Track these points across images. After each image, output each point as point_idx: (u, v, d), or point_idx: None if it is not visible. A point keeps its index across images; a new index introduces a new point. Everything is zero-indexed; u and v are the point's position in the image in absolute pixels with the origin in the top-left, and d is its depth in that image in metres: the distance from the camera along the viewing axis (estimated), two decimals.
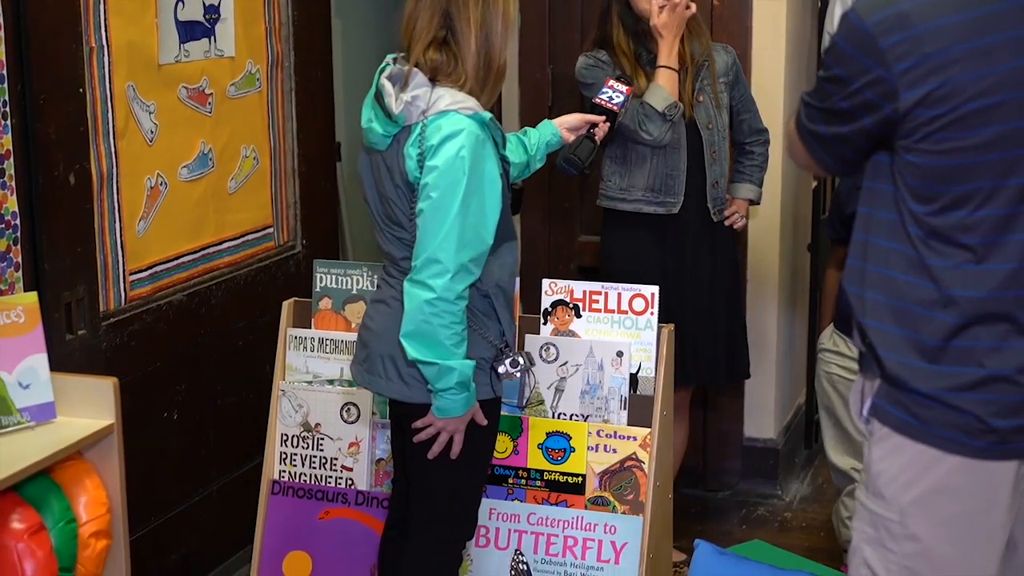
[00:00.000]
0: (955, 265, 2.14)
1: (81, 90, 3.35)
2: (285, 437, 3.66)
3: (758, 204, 4.16)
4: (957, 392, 2.16)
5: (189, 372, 3.83)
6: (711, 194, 3.96)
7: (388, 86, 2.87)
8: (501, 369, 3.05)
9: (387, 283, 3.07)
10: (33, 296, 2.90)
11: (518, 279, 3.21)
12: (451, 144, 2.78)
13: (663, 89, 3.79)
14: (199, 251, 3.88)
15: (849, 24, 2.15)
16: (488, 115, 2.86)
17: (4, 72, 3.09)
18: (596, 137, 3.45)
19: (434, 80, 2.86)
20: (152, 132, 3.63)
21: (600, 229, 4.14)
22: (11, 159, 3.13)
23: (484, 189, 2.83)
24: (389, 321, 3.00)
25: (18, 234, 3.16)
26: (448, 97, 2.83)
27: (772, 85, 4.41)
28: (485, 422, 3.01)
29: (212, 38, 3.86)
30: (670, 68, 3.80)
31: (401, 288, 2.96)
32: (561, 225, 4.72)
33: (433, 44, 2.88)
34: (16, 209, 3.15)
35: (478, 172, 2.81)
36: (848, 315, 2.34)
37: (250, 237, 4.12)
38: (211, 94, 3.87)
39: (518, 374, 3.08)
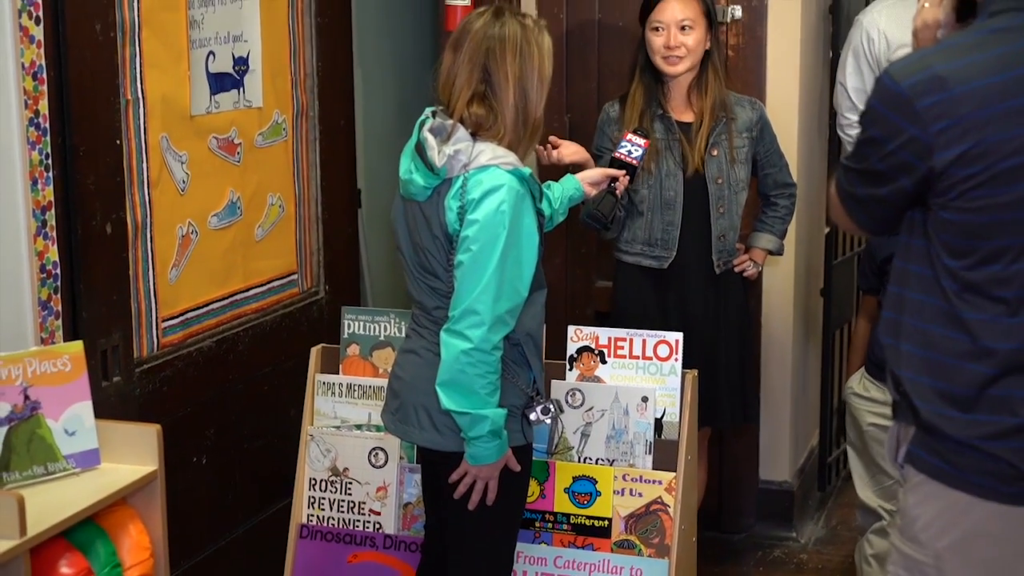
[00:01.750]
0: (990, 318, 2.21)
1: (118, 142, 3.42)
2: (313, 481, 3.71)
3: (779, 255, 4.23)
4: (991, 440, 2.23)
5: (217, 417, 3.89)
6: (716, 247, 4.02)
7: (431, 139, 2.94)
8: (532, 416, 3.12)
9: (418, 333, 3.13)
10: (79, 345, 2.96)
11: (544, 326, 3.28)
12: (492, 198, 2.86)
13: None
14: (228, 298, 3.94)
15: (884, 87, 2.22)
16: (528, 170, 2.94)
17: (47, 126, 3.16)
18: (617, 191, 3.52)
19: (475, 134, 2.94)
20: (184, 182, 3.70)
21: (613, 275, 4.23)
22: (52, 210, 3.20)
23: (522, 243, 2.90)
24: (420, 371, 3.07)
25: (58, 283, 3.23)
26: (489, 152, 2.91)
27: (786, 135, 4.49)
28: (519, 468, 3.07)
29: (241, 89, 3.94)
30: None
31: (432, 339, 3.04)
32: (579, 271, 4.79)
33: (475, 99, 2.95)
34: (56, 259, 3.22)
35: (517, 226, 2.88)
36: (882, 363, 2.41)
37: (275, 284, 4.18)
38: (240, 144, 3.94)
39: (549, 420, 3.15)
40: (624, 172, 3.56)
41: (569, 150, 3.70)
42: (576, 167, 3.75)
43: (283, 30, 4.14)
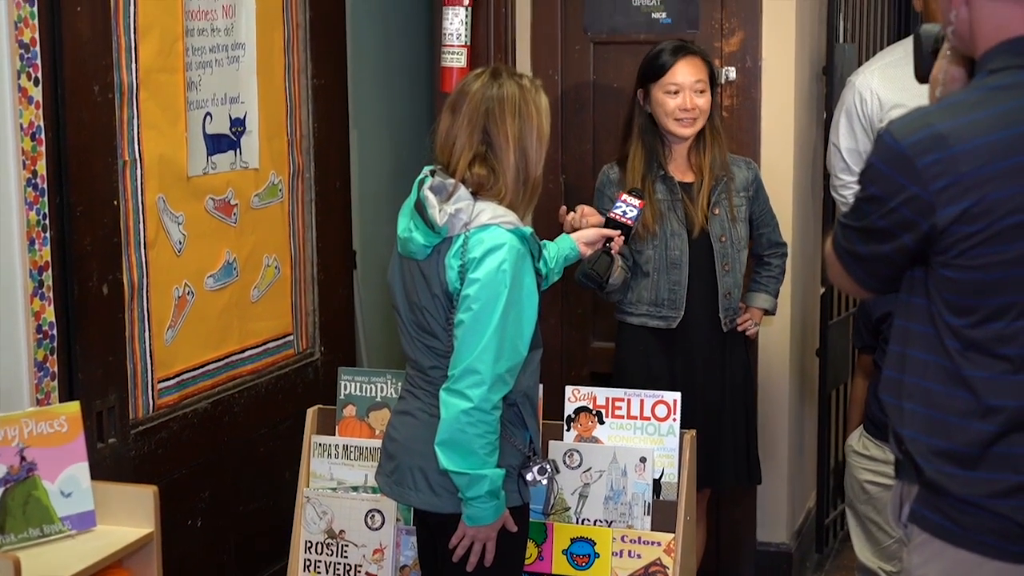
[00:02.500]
0: (993, 376, 2.20)
1: (115, 202, 3.42)
2: (309, 544, 3.68)
3: (773, 314, 4.24)
4: (995, 498, 2.22)
5: (212, 479, 3.86)
6: (723, 304, 4.02)
7: (431, 197, 2.95)
8: (529, 476, 3.10)
9: (412, 394, 3.12)
10: (76, 406, 2.95)
11: (541, 385, 3.27)
12: (493, 258, 2.86)
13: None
14: (223, 359, 3.93)
15: (885, 145, 2.22)
16: (528, 230, 2.95)
17: (45, 186, 3.17)
18: (613, 251, 3.53)
19: (475, 194, 2.95)
20: (181, 242, 3.70)
21: (612, 336, 4.21)
22: (49, 270, 3.19)
23: (523, 302, 2.90)
24: (416, 432, 3.06)
25: (55, 344, 3.22)
26: (490, 211, 2.91)
27: (780, 195, 4.51)
28: (516, 528, 3.05)
29: (238, 150, 3.95)
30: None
31: (427, 400, 3.03)
32: (574, 332, 4.79)
33: (476, 159, 2.96)
34: (53, 319, 3.21)
35: (518, 286, 2.88)
36: (883, 422, 2.40)
37: (271, 345, 4.18)
38: (236, 205, 3.95)
39: (545, 481, 3.14)
40: (619, 232, 3.56)
41: (595, 218, 3.69)
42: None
43: (280, 92, 4.16)
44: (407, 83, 5.29)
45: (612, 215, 3.60)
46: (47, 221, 3.18)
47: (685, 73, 3.90)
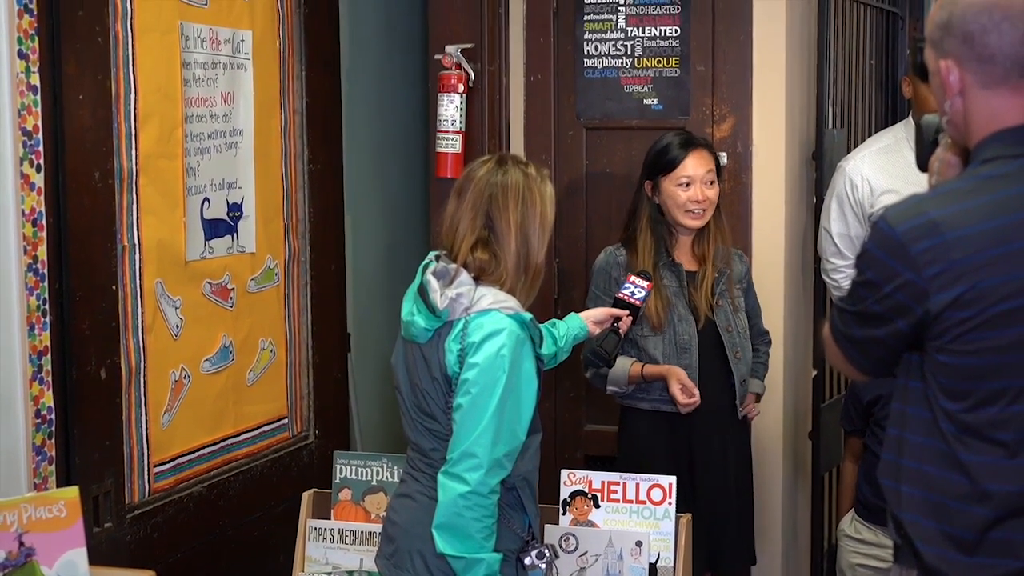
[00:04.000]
0: (988, 460, 2.22)
1: (114, 287, 3.45)
2: None
3: (761, 396, 4.27)
4: None
5: (208, 563, 3.86)
6: (740, 392, 4.05)
7: (433, 282, 2.97)
8: (527, 560, 3.09)
9: (413, 477, 3.13)
10: (75, 491, 2.94)
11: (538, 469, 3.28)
12: (492, 342, 2.89)
13: (626, 379, 3.93)
14: (219, 443, 3.94)
15: (880, 232, 2.26)
16: (528, 315, 2.98)
17: (45, 271, 3.20)
18: (620, 330, 3.58)
19: (477, 278, 2.98)
20: (178, 326, 3.73)
21: (605, 419, 4.22)
22: (48, 355, 3.21)
23: (521, 387, 2.92)
24: (416, 515, 3.06)
25: (53, 428, 3.23)
26: (490, 296, 2.94)
27: (772, 280, 4.55)
28: None
29: (235, 235, 3.99)
30: (646, 381, 3.92)
31: (427, 483, 3.04)
32: (567, 415, 4.80)
33: (478, 244, 3.00)
34: (51, 404, 3.22)
35: (517, 371, 2.91)
36: (874, 505, 2.42)
37: (266, 428, 4.19)
38: (233, 289, 3.98)
39: (544, 565, 3.13)
40: (627, 312, 3.62)
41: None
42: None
43: (276, 176, 4.20)
44: (402, 168, 5.34)
45: (621, 295, 3.66)
46: (47, 306, 3.20)
47: (696, 166, 3.95)
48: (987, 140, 2.27)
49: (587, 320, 3.56)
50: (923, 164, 2.54)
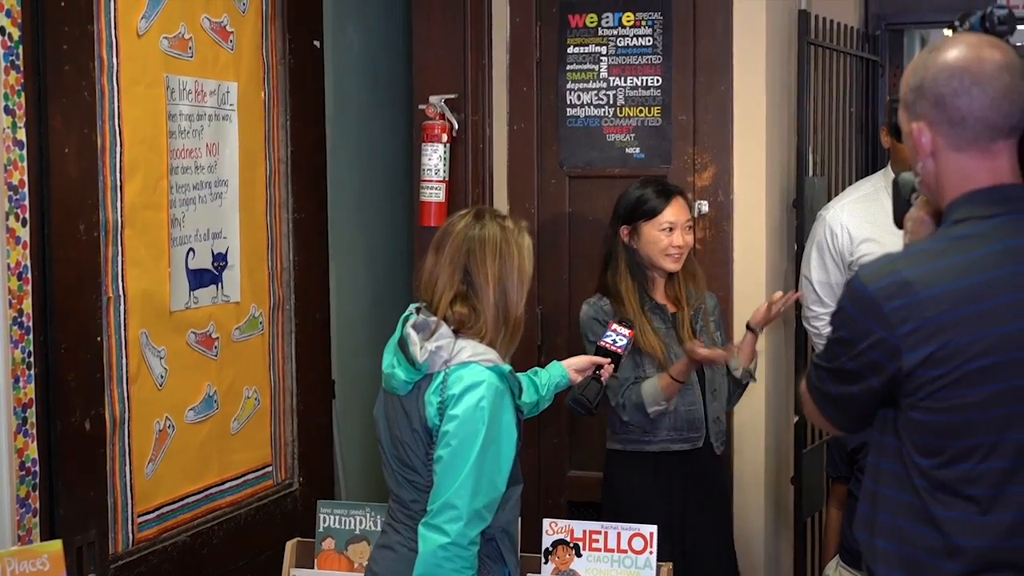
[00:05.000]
0: (961, 516, 2.25)
1: (99, 338, 3.47)
2: None
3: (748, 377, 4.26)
4: None
5: None
6: (713, 429, 4.08)
7: (413, 335, 3.01)
8: None
9: (393, 528, 3.15)
10: (58, 544, 2.96)
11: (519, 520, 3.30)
12: (472, 395, 2.92)
13: (660, 392, 3.94)
14: (203, 491, 3.96)
15: (854, 290, 2.30)
16: (508, 368, 3.01)
17: (30, 324, 3.22)
18: (602, 378, 3.62)
19: (457, 331, 3.01)
20: (162, 376, 3.75)
21: (589, 464, 4.24)
22: (33, 407, 3.23)
23: (501, 439, 2.95)
24: (396, 567, 3.08)
25: (37, 480, 3.24)
26: (470, 349, 2.98)
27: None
28: None
29: (219, 285, 4.01)
30: (678, 381, 3.95)
31: (408, 534, 3.06)
32: (551, 461, 4.82)
33: (457, 298, 3.03)
34: (36, 456, 3.24)
35: (496, 423, 2.94)
36: (859, 551, 2.45)
37: (250, 476, 4.20)
38: (217, 338, 4.00)
39: None
40: (609, 360, 3.66)
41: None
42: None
43: (261, 226, 4.23)
44: (386, 217, 5.37)
45: (603, 344, 3.71)
46: (31, 359, 3.22)
47: (676, 213, 4.04)
48: (959, 201, 2.31)
49: (569, 368, 3.61)
50: (899, 222, 2.58)
